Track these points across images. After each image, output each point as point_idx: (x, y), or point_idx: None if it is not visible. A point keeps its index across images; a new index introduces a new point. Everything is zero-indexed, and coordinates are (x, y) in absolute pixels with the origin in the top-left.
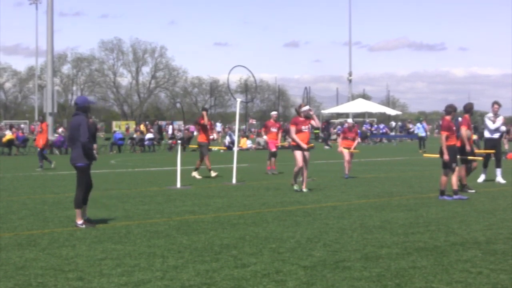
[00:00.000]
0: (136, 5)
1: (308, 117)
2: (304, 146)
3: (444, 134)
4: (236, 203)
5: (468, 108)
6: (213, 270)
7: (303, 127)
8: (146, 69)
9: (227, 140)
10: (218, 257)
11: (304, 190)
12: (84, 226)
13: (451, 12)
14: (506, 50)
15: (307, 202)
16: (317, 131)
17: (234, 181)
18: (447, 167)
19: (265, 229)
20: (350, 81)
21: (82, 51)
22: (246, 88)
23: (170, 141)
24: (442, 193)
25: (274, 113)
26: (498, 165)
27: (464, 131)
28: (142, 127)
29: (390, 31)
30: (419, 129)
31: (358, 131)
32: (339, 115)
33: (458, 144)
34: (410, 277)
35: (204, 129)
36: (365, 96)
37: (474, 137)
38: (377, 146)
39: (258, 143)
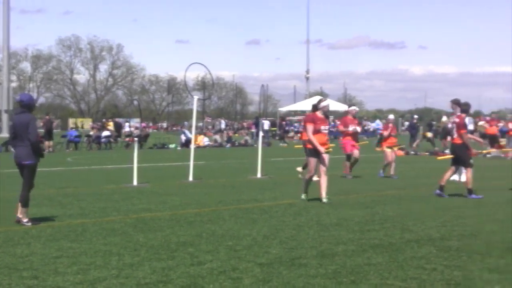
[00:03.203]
0: (99, 2)
1: (327, 115)
2: (322, 149)
3: (464, 131)
4: (192, 200)
5: None
6: (169, 267)
7: (322, 127)
8: (103, 67)
9: (182, 138)
10: (174, 254)
11: (324, 200)
12: (30, 224)
13: (412, 11)
14: (463, 49)
15: (264, 200)
16: (274, 128)
17: (191, 178)
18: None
19: (222, 227)
20: (307, 78)
21: (41, 48)
22: (203, 86)
23: (127, 139)
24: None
25: (353, 108)
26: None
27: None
28: (110, 124)
29: (352, 29)
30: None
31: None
32: (296, 113)
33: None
34: (365, 274)
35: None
36: (322, 94)
37: (429, 134)
38: (334, 144)
39: (215, 140)
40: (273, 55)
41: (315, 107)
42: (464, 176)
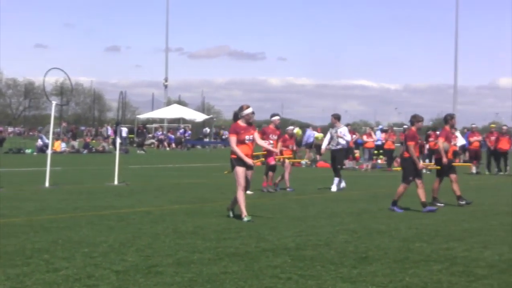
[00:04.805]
0: None
1: (250, 124)
2: (250, 161)
3: (412, 143)
4: (49, 206)
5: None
6: (24, 274)
7: (246, 137)
8: None
9: (39, 143)
10: (29, 261)
11: (245, 219)
12: None
13: (272, 23)
14: (321, 62)
15: (121, 207)
16: (132, 135)
17: (47, 184)
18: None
19: (78, 233)
20: (166, 86)
21: None
22: (62, 91)
23: None
24: (424, 204)
25: (276, 117)
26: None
27: (441, 142)
28: None
29: (212, 39)
30: None
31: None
32: (154, 120)
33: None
34: (221, 282)
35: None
36: (181, 102)
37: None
38: (191, 152)
39: (72, 146)
40: (133, 62)
41: (237, 116)
42: (334, 187)
